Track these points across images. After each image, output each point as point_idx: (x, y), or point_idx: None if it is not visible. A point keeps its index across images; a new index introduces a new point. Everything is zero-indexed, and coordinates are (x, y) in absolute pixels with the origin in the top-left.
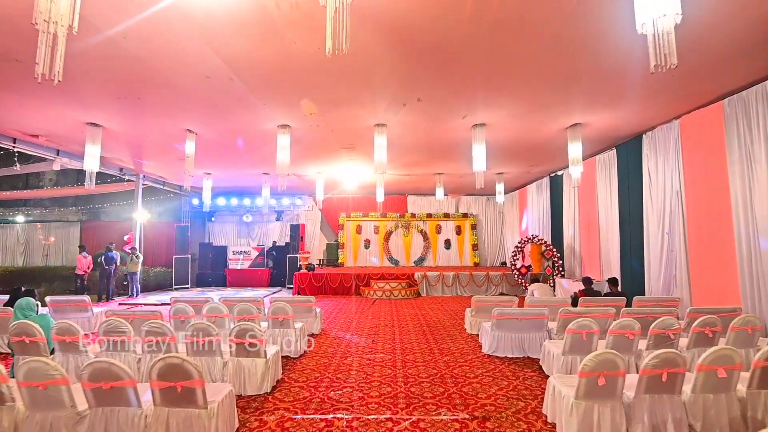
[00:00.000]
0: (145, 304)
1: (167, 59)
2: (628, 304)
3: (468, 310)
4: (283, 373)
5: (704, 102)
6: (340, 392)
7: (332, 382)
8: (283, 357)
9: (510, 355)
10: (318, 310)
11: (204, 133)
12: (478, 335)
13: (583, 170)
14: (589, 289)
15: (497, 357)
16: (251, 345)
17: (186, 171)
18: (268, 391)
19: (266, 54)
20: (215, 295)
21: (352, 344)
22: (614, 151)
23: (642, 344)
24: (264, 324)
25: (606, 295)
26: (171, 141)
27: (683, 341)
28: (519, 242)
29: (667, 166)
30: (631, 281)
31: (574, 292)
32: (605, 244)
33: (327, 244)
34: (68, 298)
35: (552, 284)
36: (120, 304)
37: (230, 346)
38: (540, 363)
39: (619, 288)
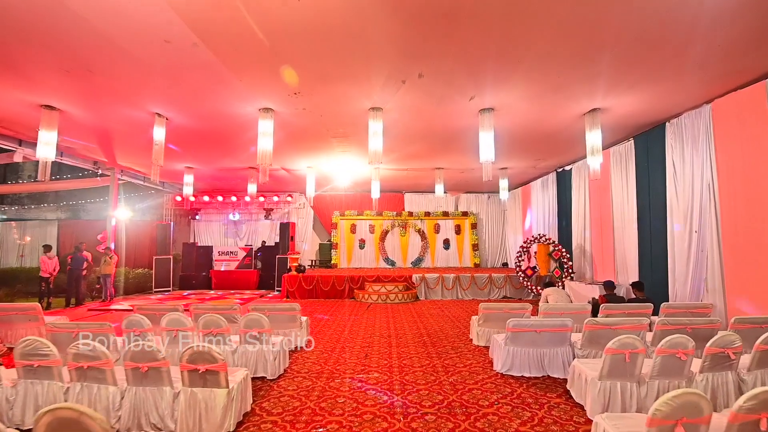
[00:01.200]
0: (116, 310)
1: (115, 19)
2: (655, 312)
3: (474, 318)
4: (254, 402)
5: (743, 82)
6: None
7: (314, 414)
8: (257, 378)
9: (527, 374)
10: (304, 319)
11: (175, 118)
12: (487, 348)
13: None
14: (611, 294)
15: (512, 376)
16: (210, 372)
17: (154, 161)
18: (231, 430)
19: (233, 11)
20: (196, 298)
21: (342, 360)
22: (631, 142)
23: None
24: (236, 339)
25: (630, 301)
26: (140, 128)
27: (743, 359)
28: (524, 242)
29: (696, 157)
30: (651, 285)
31: (593, 298)
32: (620, 244)
33: (320, 244)
34: (16, 305)
35: (561, 288)
36: (89, 310)
37: (182, 374)
38: (568, 387)
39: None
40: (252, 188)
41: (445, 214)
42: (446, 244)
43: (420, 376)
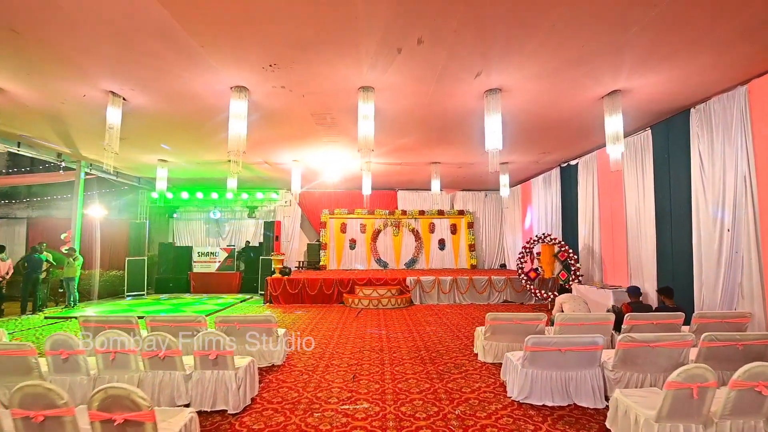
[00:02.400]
0: (78, 318)
1: None
2: (686, 322)
3: (479, 329)
4: None
5: None
6: None
7: None
8: (216, 413)
9: (550, 403)
10: (281, 332)
11: (133, 97)
12: (495, 366)
13: (607, 157)
14: (636, 302)
15: (532, 406)
16: (131, 424)
17: (107, 147)
18: None
19: None
20: (169, 303)
21: (325, 383)
22: (648, 132)
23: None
24: (191, 363)
25: (657, 310)
26: (95, 110)
27: None
28: (527, 242)
29: (728, 146)
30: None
31: (614, 306)
32: (635, 245)
33: (308, 244)
34: None
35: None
36: (47, 318)
37: (92, 426)
38: (608, 425)
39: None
40: (232, 183)
41: (441, 212)
42: (441, 244)
43: (419, 407)
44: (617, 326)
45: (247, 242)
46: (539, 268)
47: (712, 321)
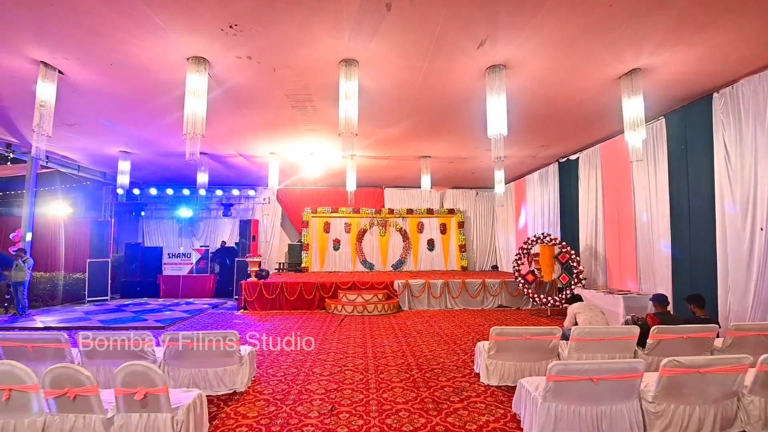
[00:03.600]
0: (25, 328)
1: None
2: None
3: (481, 345)
4: None
5: None
6: None
7: None
8: None
9: None
10: (247, 351)
11: (71, 70)
12: (503, 392)
13: (612, 151)
14: (664, 313)
15: None
16: None
17: (36, 128)
18: None
19: None
20: (131, 311)
21: (294, 418)
22: (662, 121)
23: None
24: (111, 404)
25: (687, 321)
26: (25, 85)
27: None
28: (524, 242)
29: (761, 134)
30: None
31: (634, 317)
32: (645, 246)
33: (289, 244)
34: None
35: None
36: None
37: None
38: None
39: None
40: (202, 178)
41: (430, 211)
42: (430, 244)
43: None
44: (641, 341)
45: (223, 243)
46: (537, 271)
47: (751, 334)
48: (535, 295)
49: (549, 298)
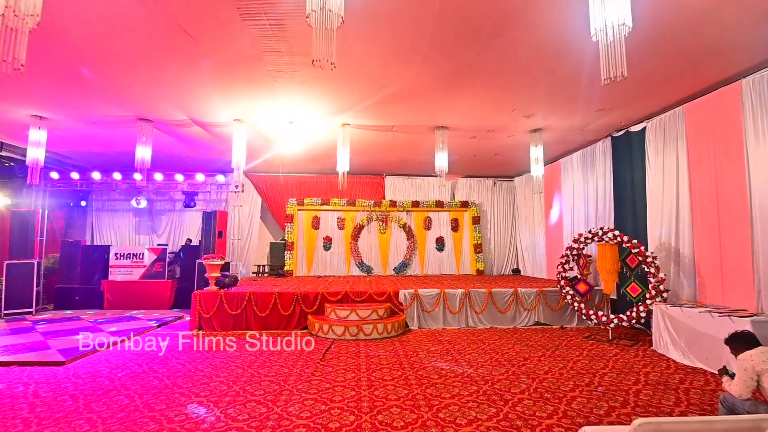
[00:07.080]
0: None
1: None
2: None
3: None
4: None
5: None
6: None
7: None
8: None
9: None
10: None
11: None
12: None
13: (708, 112)
14: None
15: None
16: None
17: None
18: None
19: None
20: (58, 326)
21: None
22: None
23: None
24: None
25: None
26: None
27: None
28: (574, 241)
29: None
30: None
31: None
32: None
33: (271, 243)
34: None
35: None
36: None
37: None
38: None
39: None
40: (143, 153)
41: (439, 204)
42: (440, 244)
43: None
44: None
45: (189, 240)
46: (590, 278)
47: None
48: (590, 312)
49: (610, 316)
